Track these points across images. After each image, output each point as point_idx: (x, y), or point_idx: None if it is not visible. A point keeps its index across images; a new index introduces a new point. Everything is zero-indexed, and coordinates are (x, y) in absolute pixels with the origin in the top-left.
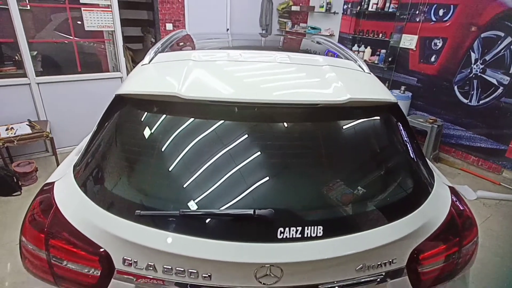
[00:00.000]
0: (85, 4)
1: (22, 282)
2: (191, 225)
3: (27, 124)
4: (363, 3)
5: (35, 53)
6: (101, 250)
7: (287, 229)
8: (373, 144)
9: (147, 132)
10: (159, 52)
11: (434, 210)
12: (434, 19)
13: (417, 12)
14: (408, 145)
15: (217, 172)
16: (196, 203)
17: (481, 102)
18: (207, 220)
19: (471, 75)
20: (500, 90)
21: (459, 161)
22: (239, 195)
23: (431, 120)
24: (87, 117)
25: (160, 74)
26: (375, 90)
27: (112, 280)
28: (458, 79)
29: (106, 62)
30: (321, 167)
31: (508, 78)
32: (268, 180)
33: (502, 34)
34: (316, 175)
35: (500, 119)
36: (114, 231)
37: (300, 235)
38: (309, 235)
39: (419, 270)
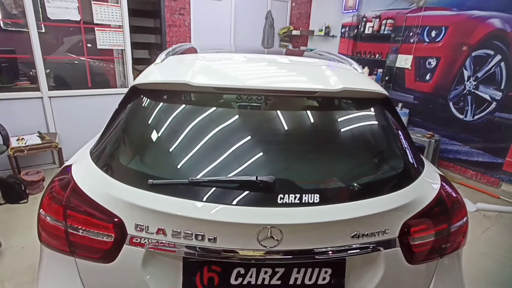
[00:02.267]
0: (98, 24)
1: (27, 281)
2: (199, 191)
3: (37, 136)
4: (359, 27)
5: (47, 70)
6: (115, 217)
7: (286, 195)
8: (366, 130)
9: (159, 116)
10: (170, 55)
11: (424, 189)
12: (427, 40)
13: (411, 34)
14: (399, 132)
15: (224, 146)
16: (203, 172)
17: (476, 117)
18: (214, 187)
19: (465, 91)
20: (493, 105)
21: (458, 175)
22: (243, 166)
23: (428, 135)
24: (95, 130)
25: (172, 69)
26: (367, 84)
27: (125, 246)
28: (453, 95)
29: (114, 80)
30: (320, 146)
31: (500, 94)
32: (270, 153)
33: (492, 53)
34: (314, 152)
35: (495, 133)
36: (128, 199)
37: (298, 201)
38: (306, 202)
39: (411, 243)
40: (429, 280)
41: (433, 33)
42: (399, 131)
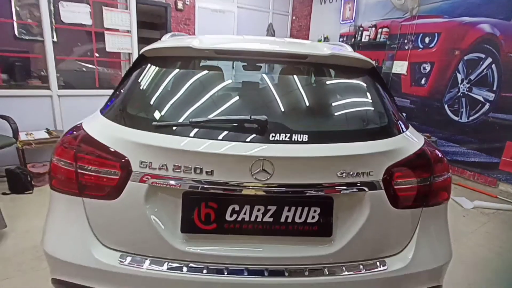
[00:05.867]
0: (108, 29)
1: (30, 259)
2: (199, 130)
3: (44, 131)
4: (356, 36)
5: (58, 75)
6: (121, 156)
7: (277, 134)
8: (354, 89)
9: (164, 75)
10: (174, 36)
11: (407, 142)
12: (421, 46)
13: (405, 41)
14: (385, 96)
15: (222, 96)
16: (203, 115)
17: (470, 118)
18: (212, 126)
19: (459, 94)
20: (487, 106)
21: (455, 176)
22: (239, 109)
23: (425, 137)
24: None
25: (176, 40)
26: (355, 54)
27: (129, 182)
28: (448, 98)
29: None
30: (310, 98)
31: (493, 95)
32: (263, 101)
33: (483, 56)
34: (305, 102)
35: (490, 134)
36: (134, 139)
37: (288, 139)
38: (296, 140)
39: (394, 186)
40: (413, 227)
41: (427, 40)
42: (385, 96)
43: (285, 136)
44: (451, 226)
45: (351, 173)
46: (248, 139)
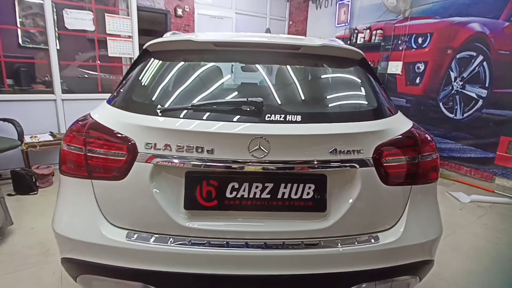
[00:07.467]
0: (110, 34)
1: (35, 254)
2: (200, 113)
3: (49, 134)
4: (352, 38)
5: (61, 81)
6: (128, 139)
7: (273, 115)
8: (345, 77)
9: (167, 67)
10: (175, 34)
11: (395, 124)
12: (414, 46)
13: (399, 42)
14: (375, 83)
15: (221, 81)
16: (204, 99)
17: (465, 115)
18: (212, 108)
19: (453, 91)
20: (480, 103)
21: (452, 173)
22: (237, 93)
23: None
24: None
25: (177, 36)
26: (345, 45)
27: (135, 163)
28: (442, 96)
29: None
30: (303, 83)
31: (486, 91)
32: (259, 86)
33: (474, 54)
34: (298, 87)
35: (484, 129)
36: (140, 123)
37: (283, 119)
38: (290, 120)
39: (384, 164)
40: (404, 203)
41: (420, 40)
42: (375, 82)
43: (280, 117)
44: (449, 219)
45: (342, 150)
46: (245, 120)
